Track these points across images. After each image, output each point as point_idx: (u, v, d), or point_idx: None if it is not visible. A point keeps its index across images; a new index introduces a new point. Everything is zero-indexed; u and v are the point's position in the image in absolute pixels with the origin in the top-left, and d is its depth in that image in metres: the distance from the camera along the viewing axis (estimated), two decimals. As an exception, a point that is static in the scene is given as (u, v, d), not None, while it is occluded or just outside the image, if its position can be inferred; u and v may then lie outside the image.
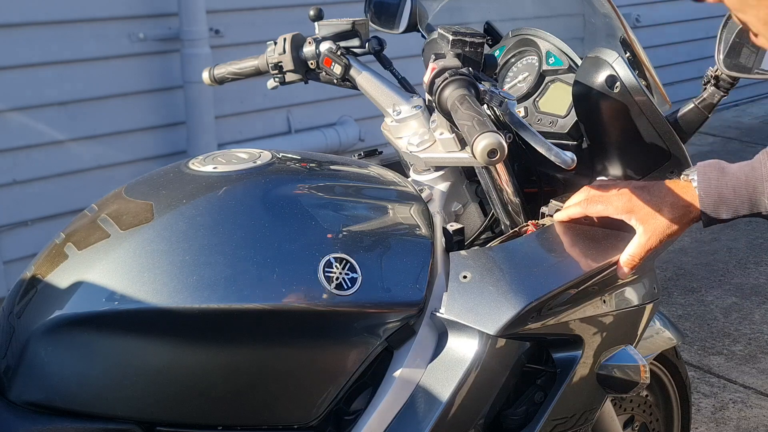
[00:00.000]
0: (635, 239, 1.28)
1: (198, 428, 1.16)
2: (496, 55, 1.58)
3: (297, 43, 1.54)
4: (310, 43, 1.53)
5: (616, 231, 1.31)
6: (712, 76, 1.39)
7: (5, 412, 1.12)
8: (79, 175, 3.24)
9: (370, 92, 1.45)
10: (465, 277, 1.24)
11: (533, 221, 1.37)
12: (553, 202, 1.39)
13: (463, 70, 1.22)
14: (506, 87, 1.56)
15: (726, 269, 3.82)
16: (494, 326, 1.20)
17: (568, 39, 1.52)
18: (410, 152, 1.38)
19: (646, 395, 1.81)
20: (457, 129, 1.19)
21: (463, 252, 1.29)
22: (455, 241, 1.36)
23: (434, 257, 1.26)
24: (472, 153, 1.09)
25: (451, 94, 1.19)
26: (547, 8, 1.75)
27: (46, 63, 3.07)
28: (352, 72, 1.47)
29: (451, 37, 1.26)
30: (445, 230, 1.33)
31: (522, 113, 1.52)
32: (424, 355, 1.25)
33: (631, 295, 1.41)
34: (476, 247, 1.37)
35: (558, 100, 1.49)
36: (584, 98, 1.38)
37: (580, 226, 1.33)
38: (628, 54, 1.45)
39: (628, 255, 1.29)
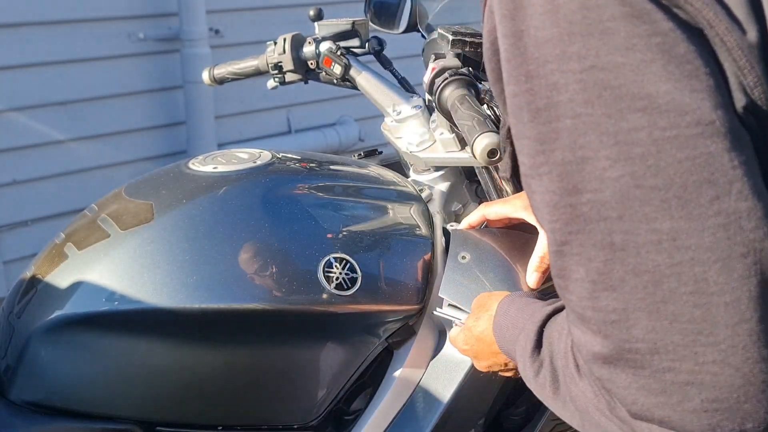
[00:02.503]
0: (540, 240, 1.12)
1: (198, 428, 1.16)
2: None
3: (297, 43, 1.54)
4: (310, 43, 1.53)
5: None
6: None
7: (5, 412, 1.12)
8: (79, 175, 3.23)
9: (370, 92, 1.45)
10: (464, 257, 1.22)
11: (533, 221, 1.37)
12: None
13: (463, 70, 1.22)
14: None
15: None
16: None
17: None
18: (410, 152, 1.38)
19: (646, 395, 1.80)
20: (457, 129, 1.19)
21: (464, 231, 1.26)
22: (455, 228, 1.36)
23: (434, 257, 1.26)
24: (472, 153, 1.09)
25: (451, 94, 1.19)
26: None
27: (46, 63, 3.06)
28: (352, 72, 1.47)
29: (451, 37, 1.26)
30: (445, 230, 1.32)
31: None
32: (425, 355, 1.25)
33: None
34: (478, 228, 1.35)
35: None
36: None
37: None
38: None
39: (538, 258, 1.12)
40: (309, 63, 1.53)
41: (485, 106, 1.27)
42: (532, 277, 1.14)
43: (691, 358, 0.57)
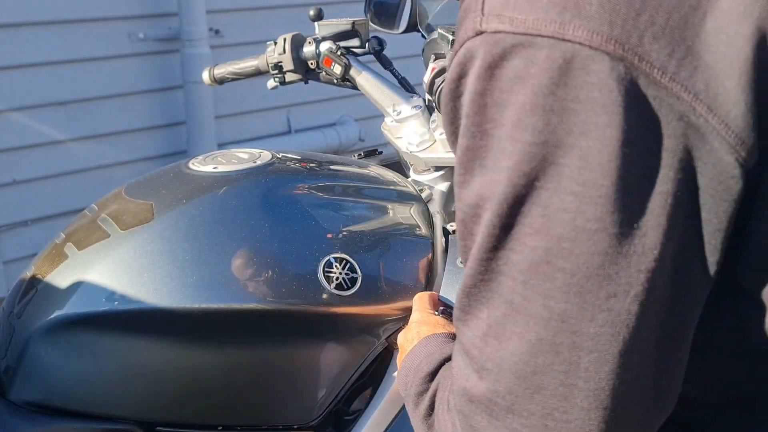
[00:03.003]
0: None
1: (198, 428, 1.16)
2: (496, 55, 1.58)
3: (297, 43, 1.54)
4: (310, 43, 1.53)
5: None
6: None
7: (5, 412, 1.12)
8: (79, 175, 3.24)
9: (370, 92, 1.46)
10: (462, 262, 1.24)
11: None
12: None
13: (463, 70, 1.22)
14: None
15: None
16: None
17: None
18: (410, 152, 1.39)
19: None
20: (457, 129, 1.19)
21: None
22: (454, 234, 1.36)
23: (434, 257, 1.26)
24: (472, 153, 1.09)
25: (451, 94, 1.19)
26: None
27: (46, 63, 3.07)
28: (352, 72, 1.47)
29: (451, 37, 1.26)
30: (445, 230, 1.33)
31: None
32: (424, 355, 1.25)
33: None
34: None
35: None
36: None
37: None
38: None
39: None
40: (309, 63, 1.53)
41: (485, 106, 1.26)
42: None
43: (541, 429, 0.60)
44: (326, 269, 1.15)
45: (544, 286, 0.59)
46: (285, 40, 1.54)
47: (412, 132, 1.39)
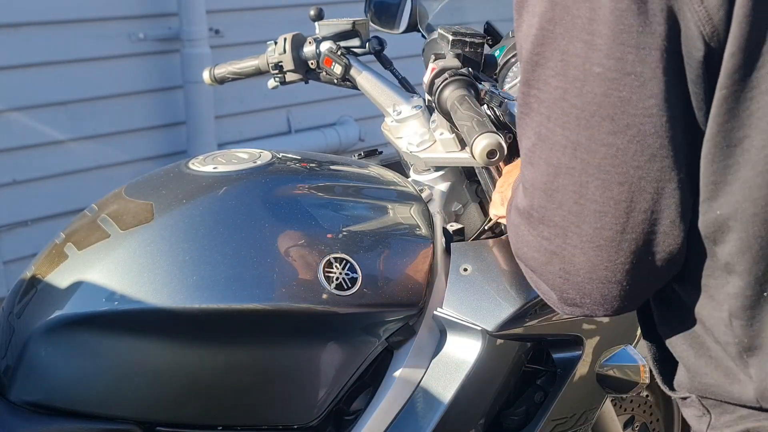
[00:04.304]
0: None
1: (198, 428, 1.16)
2: (496, 55, 1.58)
3: (297, 43, 1.54)
4: (310, 42, 1.53)
5: None
6: None
7: (5, 412, 1.12)
8: (79, 175, 3.23)
9: (370, 92, 1.46)
10: (465, 270, 1.25)
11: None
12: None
13: (463, 70, 1.22)
14: (506, 87, 1.56)
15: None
16: (493, 322, 1.21)
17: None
18: (410, 152, 1.39)
19: (646, 395, 1.80)
20: (457, 129, 1.19)
21: (464, 243, 1.29)
22: (455, 242, 1.36)
23: (434, 257, 1.26)
24: (472, 153, 1.10)
25: (451, 94, 1.19)
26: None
27: (46, 63, 3.06)
28: (353, 72, 1.47)
29: (451, 37, 1.26)
30: (445, 230, 1.33)
31: (522, 113, 1.51)
32: (424, 355, 1.25)
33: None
34: (479, 240, 1.37)
35: (558, 100, 1.49)
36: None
37: None
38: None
39: None
40: (309, 63, 1.53)
41: (485, 106, 1.27)
42: None
43: (562, 237, 0.75)
44: (326, 269, 1.15)
45: (562, 119, 0.72)
46: (285, 40, 1.54)
47: (412, 132, 1.39)
